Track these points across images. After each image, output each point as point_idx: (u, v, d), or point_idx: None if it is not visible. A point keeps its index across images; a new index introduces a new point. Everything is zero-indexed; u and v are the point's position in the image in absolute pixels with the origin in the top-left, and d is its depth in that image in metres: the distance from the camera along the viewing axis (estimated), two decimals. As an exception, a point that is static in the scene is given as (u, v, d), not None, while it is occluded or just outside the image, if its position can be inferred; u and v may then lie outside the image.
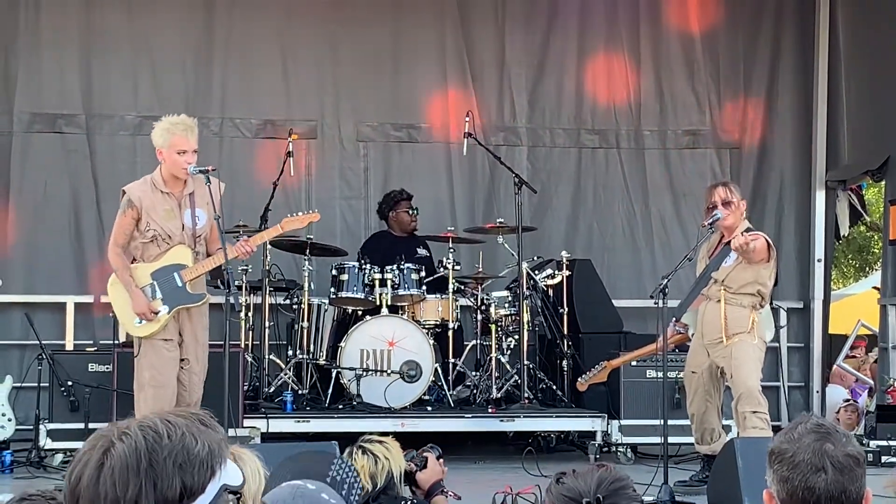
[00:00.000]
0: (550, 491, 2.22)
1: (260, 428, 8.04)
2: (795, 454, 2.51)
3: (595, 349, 9.15)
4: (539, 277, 9.05)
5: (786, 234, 10.63)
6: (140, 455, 1.80)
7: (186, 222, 6.79)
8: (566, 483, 2.21)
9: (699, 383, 7.27)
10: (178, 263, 6.78)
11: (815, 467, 2.49)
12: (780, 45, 10.73)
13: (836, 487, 2.48)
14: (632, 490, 2.23)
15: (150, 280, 6.78)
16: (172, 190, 6.80)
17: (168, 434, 1.83)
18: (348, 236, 10.10)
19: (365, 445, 4.53)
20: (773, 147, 10.73)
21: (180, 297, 6.77)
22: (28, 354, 9.04)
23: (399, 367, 8.55)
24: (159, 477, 1.79)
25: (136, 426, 1.84)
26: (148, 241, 6.79)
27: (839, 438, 2.54)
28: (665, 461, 6.75)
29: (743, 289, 7.09)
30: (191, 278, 6.77)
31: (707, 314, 7.19)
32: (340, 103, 10.35)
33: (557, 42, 10.60)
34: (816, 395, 10.40)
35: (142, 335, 6.77)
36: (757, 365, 7.07)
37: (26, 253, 9.78)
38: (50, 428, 8.13)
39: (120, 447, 1.81)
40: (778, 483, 2.53)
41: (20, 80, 9.86)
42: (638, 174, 10.65)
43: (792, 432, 2.57)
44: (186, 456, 1.83)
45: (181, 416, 1.88)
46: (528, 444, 8.39)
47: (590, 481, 2.20)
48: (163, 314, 6.75)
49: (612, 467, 2.26)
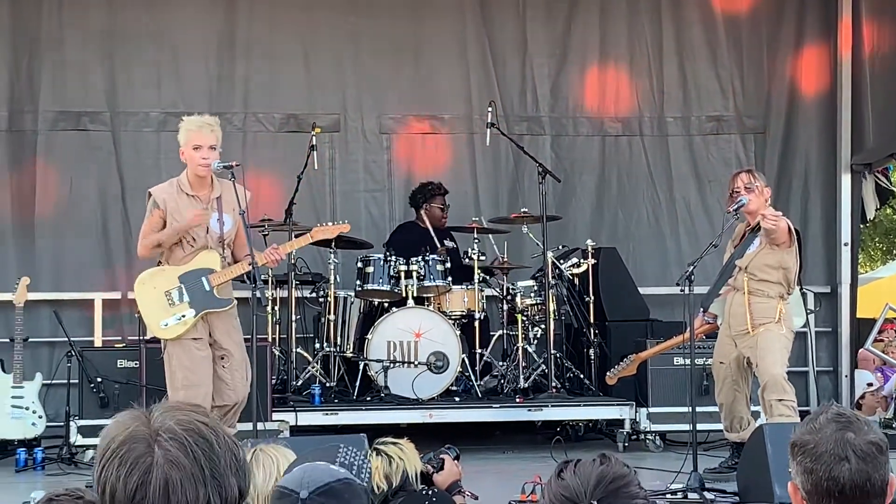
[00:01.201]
0: (550, 485, 2.17)
1: (289, 421, 8.07)
2: (818, 445, 2.51)
3: (622, 337, 9.16)
4: (564, 266, 9.05)
5: (812, 219, 10.58)
6: (202, 465, 1.81)
7: (212, 226, 6.77)
8: (565, 479, 2.14)
9: (727, 373, 7.26)
10: (207, 268, 6.75)
11: (838, 457, 2.49)
12: (803, 28, 10.67)
13: (861, 476, 2.48)
14: (635, 486, 2.15)
15: (177, 283, 6.74)
16: (198, 193, 6.77)
17: (216, 440, 1.84)
18: (373, 228, 10.11)
19: (379, 447, 4.56)
20: (798, 131, 10.68)
21: (208, 301, 6.73)
22: (57, 352, 9.09)
23: (426, 359, 8.57)
24: (222, 485, 1.82)
25: (179, 430, 1.83)
26: (174, 244, 6.76)
27: (860, 427, 2.54)
28: (694, 448, 6.75)
29: (767, 275, 7.07)
30: (218, 283, 6.74)
31: (734, 305, 7.18)
32: (363, 96, 10.36)
33: (579, 30, 10.57)
34: (845, 379, 10.35)
35: (168, 337, 6.72)
36: (783, 353, 7.05)
37: (54, 251, 9.84)
38: (80, 424, 8.18)
39: (177, 455, 1.80)
40: (802, 475, 2.52)
41: (44, 79, 9.91)
42: (662, 161, 10.62)
43: (813, 423, 2.56)
44: (236, 461, 1.86)
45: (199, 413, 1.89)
46: (556, 434, 8.39)
47: (588, 480, 2.11)
48: (189, 317, 6.72)
49: (613, 461, 2.16)
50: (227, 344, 6.76)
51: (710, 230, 9.91)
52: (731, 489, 6.58)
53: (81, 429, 8.17)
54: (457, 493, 4.85)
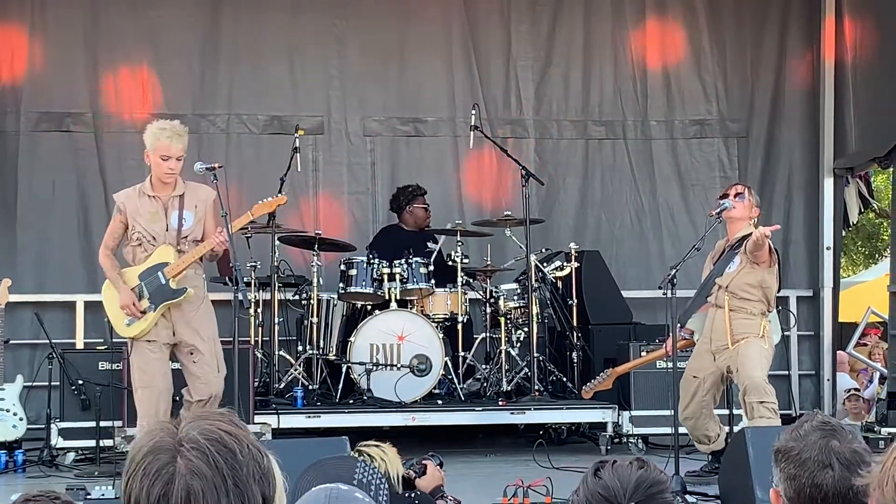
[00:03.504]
0: (587, 482, 2.18)
1: (271, 424, 8.04)
2: (802, 452, 2.52)
3: (604, 340, 9.17)
4: (548, 269, 9.06)
5: (794, 223, 10.61)
6: (224, 474, 1.81)
7: (171, 223, 6.86)
8: (603, 479, 2.15)
9: (697, 388, 7.24)
10: (162, 262, 6.84)
11: (821, 464, 2.50)
12: (786, 33, 10.70)
13: (844, 484, 2.49)
14: (670, 495, 2.17)
15: (137, 282, 6.85)
16: (159, 193, 6.87)
17: (239, 449, 1.85)
18: (356, 231, 10.10)
19: (361, 449, 4.56)
20: (781, 136, 10.71)
21: (164, 294, 6.82)
22: (39, 354, 9.05)
23: (409, 361, 8.56)
24: (245, 494, 1.82)
25: (202, 440, 1.84)
26: (136, 245, 6.88)
27: (845, 435, 2.56)
28: (676, 452, 6.76)
29: (749, 294, 7.09)
30: (173, 274, 6.80)
31: (716, 321, 7.19)
32: (347, 98, 10.35)
33: (563, 33, 10.58)
34: (827, 383, 10.37)
35: (130, 335, 6.86)
36: (763, 361, 7.06)
37: (35, 252, 9.81)
38: (61, 427, 8.15)
39: (199, 465, 1.81)
40: (785, 481, 2.53)
41: (27, 80, 9.87)
42: (645, 165, 10.64)
43: (797, 430, 2.57)
44: (259, 469, 1.87)
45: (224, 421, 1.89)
46: (539, 437, 8.38)
47: (627, 482, 2.13)
48: (150, 313, 6.80)
49: (652, 467, 2.18)
50: (192, 339, 6.83)
51: (693, 234, 9.92)
52: (713, 492, 6.59)
53: (62, 431, 8.14)
54: (440, 498, 4.85)
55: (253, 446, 1.88)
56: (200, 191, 6.90)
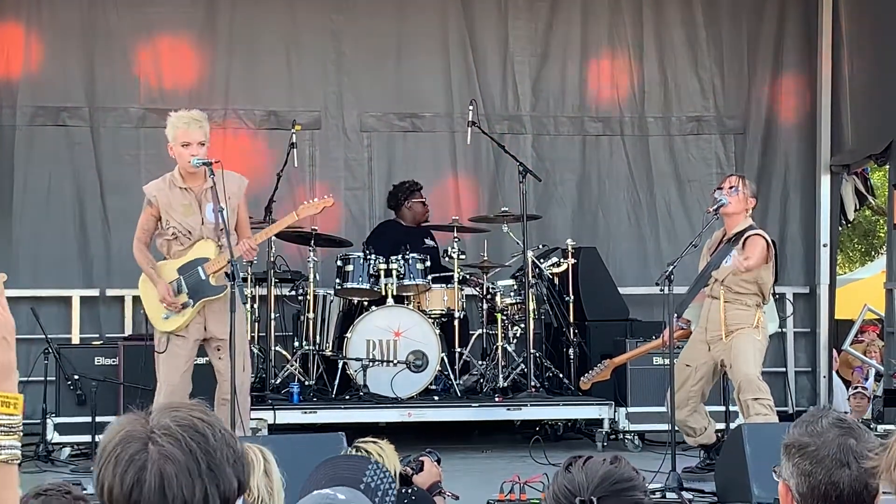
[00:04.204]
0: (557, 476, 2.16)
1: (267, 419, 8.05)
2: (820, 448, 2.52)
3: (601, 337, 9.17)
4: (544, 266, 9.05)
5: (791, 219, 10.62)
6: (198, 458, 1.81)
7: (207, 217, 6.83)
8: (570, 474, 2.13)
9: (688, 377, 7.23)
10: (202, 257, 6.83)
11: (840, 462, 2.51)
12: (783, 30, 10.70)
13: (860, 483, 2.50)
14: (640, 493, 2.12)
15: (176, 276, 6.85)
16: (191, 185, 6.83)
17: (211, 433, 1.84)
18: (353, 227, 10.09)
19: (359, 444, 4.56)
20: (778, 132, 10.70)
21: (204, 289, 6.82)
22: (34, 349, 9.00)
23: (405, 357, 8.55)
24: (219, 478, 1.82)
25: (173, 426, 1.83)
26: (171, 239, 6.87)
27: (861, 434, 2.56)
28: (672, 448, 6.76)
29: (743, 288, 7.11)
30: (214, 270, 6.81)
31: (711, 311, 7.20)
32: (344, 93, 10.33)
33: (560, 29, 10.57)
34: (823, 380, 10.38)
35: (167, 330, 6.84)
36: (756, 356, 7.07)
37: (31, 247, 9.78)
38: (57, 422, 8.14)
39: (171, 450, 1.81)
40: (798, 476, 2.53)
41: (23, 74, 9.85)
42: (642, 161, 10.63)
43: (813, 426, 2.56)
44: (233, 453, 1.87)
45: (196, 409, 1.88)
46: (535, 433, 8.38)
47: (593, 476, 2.10)
48: (188, 308, 6.82)
49: (624, 464, 2.15)
50: (222, 334, 6.78)
51: (689, 230, 9.92)
52: (710, 489, 6.59)
53: (58, 426, 8.13)
54: (437, 494, 4.85)
55: (226, 431, 1.88)
56: (231, 181, 6.79)
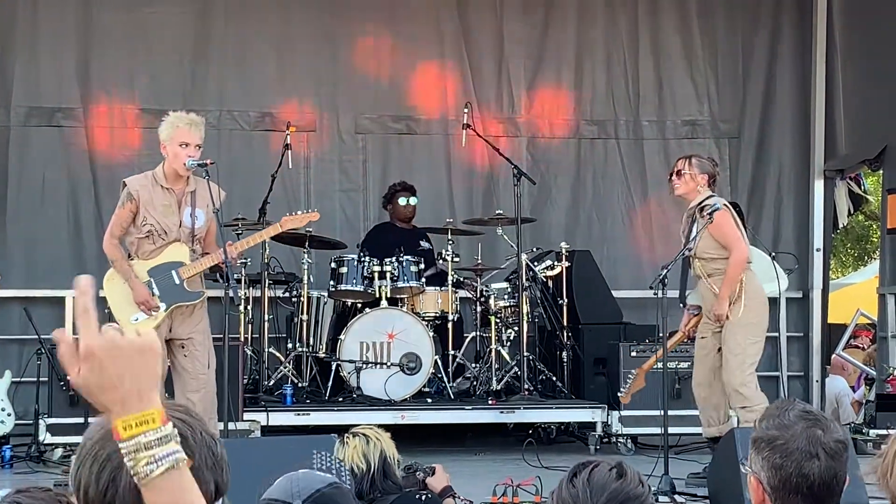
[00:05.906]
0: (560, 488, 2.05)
1: (260, 421, 8.03)
2: (788, 441, 2.54)
3: (595, 340, 9.17)
4: (538, 269, 9.05)
5: (785, 224, 10.63)
6: None
7: (185, 220, 6.75)
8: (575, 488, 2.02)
9: (709, 351, 7.21)
10: (176, 261, 6.73)
11: (808, 454, 2.53)
12: (778, 35, 10.71)
13: (829, 473, 2.53)
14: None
15: (147, 277, 6.73)
16: (173, 186, 6.76)
17: (191, 435, 1.83)
18: (347, 229, 10.09)
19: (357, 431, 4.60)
20: (772, 137, 10.72)
21: (178, 294, 6.72)
22: (27, 349, 9.02)
23: (399, 360, 8.55)
24: (199, 480, 1.79)
25: None
26: (143, 237, 6.74)
27: (828, 424, 2.59)
28: (665, 452, 6.75)
29: (713, 253, 7.11)
30: (188, 276, 6.72)
31: (703, 290, 7.26)
32: (339, 95, 10.33)
33: (556, 33, 10.58)
34: (816, 384, 10.39)
35: None
36: (742, 357, 7.03)
37: (25, 247, 9.77)
38: (49, 423, 8.11)
39: None
40: (769, 470, 2.55)
41: (17, 74, 9.84)
42: (637, 165, 10.64)
43: (780, 419, 2.58)
44: (212, 456, 1.86)
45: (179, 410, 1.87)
46: (528, 436, 8.38)
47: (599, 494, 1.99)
48: (160, 311, 6.71)
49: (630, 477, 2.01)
50: (186, 334, 6.71)
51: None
52: (702, 493, 6.58)
53: (50, 427, 8.11)
54: (449, 497, 4.89)
55: (206, 433, 1.87)
56: (213, 190, 6.69)
